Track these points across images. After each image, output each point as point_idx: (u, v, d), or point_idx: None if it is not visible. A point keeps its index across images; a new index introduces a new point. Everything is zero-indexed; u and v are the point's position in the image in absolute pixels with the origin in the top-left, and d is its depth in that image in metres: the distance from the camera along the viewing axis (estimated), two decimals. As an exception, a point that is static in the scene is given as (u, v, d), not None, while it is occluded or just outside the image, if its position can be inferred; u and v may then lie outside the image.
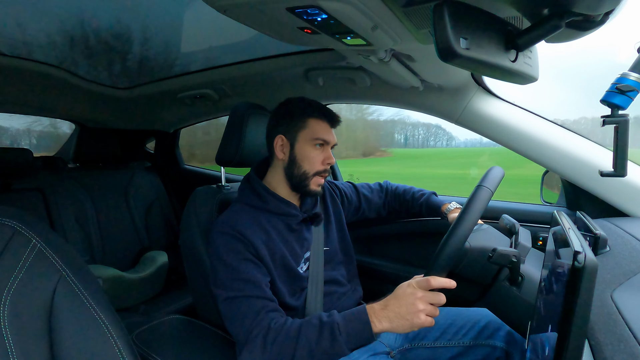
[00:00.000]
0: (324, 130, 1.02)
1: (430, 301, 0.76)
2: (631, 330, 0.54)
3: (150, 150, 2.61)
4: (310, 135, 1.01)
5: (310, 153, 1.01)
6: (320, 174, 1.03)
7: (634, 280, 0.67)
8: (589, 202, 1.18)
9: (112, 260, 1.92)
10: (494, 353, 1.04)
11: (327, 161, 1.02)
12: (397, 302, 0.78)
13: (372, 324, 0.78)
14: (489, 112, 1.22)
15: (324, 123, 1.02)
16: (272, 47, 1.34)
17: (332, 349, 0.78)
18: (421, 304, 0.75)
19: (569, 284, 0.46)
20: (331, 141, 1.03)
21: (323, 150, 1.03)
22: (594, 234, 0.77)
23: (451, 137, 34.58)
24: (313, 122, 1.01)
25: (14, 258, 0.64)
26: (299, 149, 1.01)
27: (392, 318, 0.77)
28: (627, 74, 0.67)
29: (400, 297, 0.78)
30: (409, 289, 0.78)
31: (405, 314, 0.76)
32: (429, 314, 0.76)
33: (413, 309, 0.75)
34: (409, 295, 0.77)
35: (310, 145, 1.01)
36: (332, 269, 1.11)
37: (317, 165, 1.01)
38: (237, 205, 1.04)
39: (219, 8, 0.68)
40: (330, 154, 1.03)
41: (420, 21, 0.72)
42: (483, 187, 0.89)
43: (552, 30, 0.52)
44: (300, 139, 1.01)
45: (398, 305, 0.77)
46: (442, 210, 1.22)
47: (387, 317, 0.78)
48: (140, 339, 1.00)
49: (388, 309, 0.78)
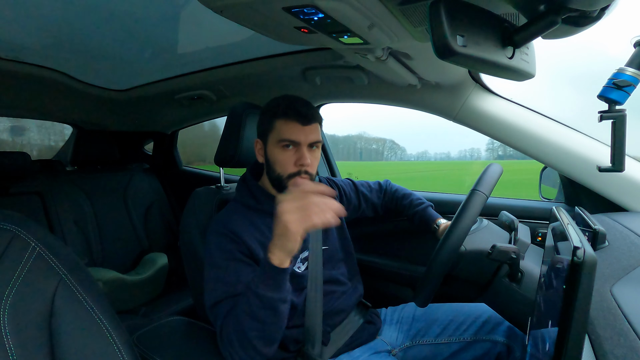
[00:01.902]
0: (291, 130, 0.94)
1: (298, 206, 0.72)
2: (630, 324, 0.54)
3: (149, 152, 2.60)
4: (276, 137, 0.96)
5: (278, 155, 0.96)
6: (295, 176, 0.96)
7: (633, 274, 0.67)
8: (587, 197, 1.18)
9: (112, 263, 1.92)
10: (495, 348, 1.05)
11: (299, 162, 0.95)
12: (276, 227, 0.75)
13: (270, 258, 0.76)
14: (487, 109, 1.22)
15: (292, 122, 0.95)
16: (269, 47, 1.33)
17: (261, 302, 0.77)
18: (286, 215, 0.72)
19: (569, 279, 0.46)
20: (302, 141, 0.95)
21: (295, 151, 0.95)
22: (593, 229, 0.77)
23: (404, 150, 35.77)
24: (279, 123, 0.96)
25: (13, 262, 0.64)
26: (270, 152, 0.98)
27: (276, 242, 0.75)
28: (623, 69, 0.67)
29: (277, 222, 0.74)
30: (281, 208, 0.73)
31: (279, 232, 0.73)
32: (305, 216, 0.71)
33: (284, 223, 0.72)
34: (280, 215, 0.73)
35: (278, 148, 0.96)
36: (332, 268, 1.11)
37: (288, 168, 0.95)
38: (233, 205, 1.03)
39: (215, 8, 0.68)
40: (302, 154, 0.95)
41: (416, 19, 0.72)
42: (477, 191, 0.89)
43: (548, 27, 0.52)
44: (269, 142, 0.98)
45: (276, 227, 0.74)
46: (434, 224, 1.22)
47: (274, 245, 0.76)
48: (141, 341, 1.00)
49: (274, 237, 0.76)
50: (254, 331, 0.79)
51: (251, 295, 0.79)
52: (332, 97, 1.58)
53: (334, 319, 1.06)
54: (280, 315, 0.81)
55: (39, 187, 1.84)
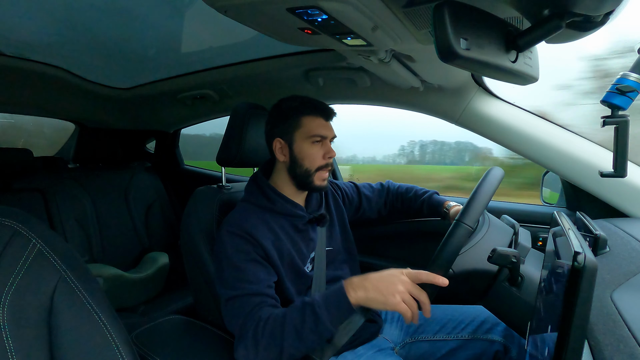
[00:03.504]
0: (319, 126, 1.01)
1: (411, 290, 0.77)
2: (631, 330, 0.54)
3: (151, 150, 2.61)
4: (306, 134, 1.01)
5: (309, 150, 1.01)
6: (323, 169, 1.03)
7: (633, 280, 0.67)
8: (588, 202, 1.18)
9: (112, 260, 1.92)
10: (492, 347, 1.06)
11: (328, 155, 1.02)
12: (379, 276, 0.80)
13: (348, 292, 0.80)
14: (489, 113, 1.22)
15: (319, 119, 1.02)
16: (273, 47, 1.33)
17: (316, 326, 0.79)
18: (401, 286, 0.77)
19: (569, 284, 0.46)
20: (328, 135, 1.03)
21: (322, 145, 1.02)
22: (594, 235, 0.77)
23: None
24: (307, 119, 1.01)
25: (13, 258, 0.64)
26: (298, 149, 1.01)
27: (369, 288, 0.79)
28: (627, 75, 0.67)
29: (384, 274, 0.80)
30: (396, 271, 0.80)
31: (382, 288, 0.77)
32: (406, 301, 0.77)
33: (392, 288, 0.77)
34: (393, 276, 0.79)
35: (308, 143, 1.01)
36: (336, 269, 1.12)
37: (318, 161, 1.01)
38: (244, 205, 1.04)
39: (220, 8, 0.69)
40: (329, 148, 1.03)
41: (420, 22, 0.72)
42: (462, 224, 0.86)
43: (552, 31, 0.52)
44: (297, 139, 1.01)
45: (379, 279, 0.79)
46: (443, 207, 1.22)
47: (364, 287, 0.79)
48: (139, 339, 1.00)
49: (367, 280, 0.80)
50: (290, 345, 0.80)
51: (309, 315, 0.80)
52: (335, 99, 1.58)
53: None
54: (319, 344, 0.83)
55: (40, 184, 1.84)
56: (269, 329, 0.82)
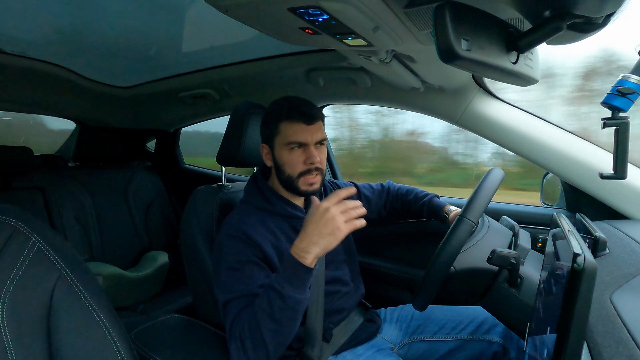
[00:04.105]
0: (297, 132, 0.96)
1: (342, 210, 0.82)
2: (630, 332, 0.54)
3: (151, 149, 2.61)
4: (283, 140, 0.97)
5: (287, 157, 0.98)
6: (305, 174, 0.98)
7: (633, 282, 0.67)
8: (588, 204, 1.18)
9: (111, 259, 1.92)
10: (491, 347, 1.07)
11: (309, 161, 0.97)
12: (314, 225, 0.82)
13: (302, 259, 0.80)
14: (490, 114, 1.22)
15: (297, 124, 0.97)
16: (273, 47, 1.33)
17: (284, 303, 0.80)
18: (336, 215, 0.81)
19: (568, 285, 0.46)
20: (308, 140, 0.97)
21: (303, 150, 0.98)
22: (594, 236, 0.77)
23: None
24: (284, 125, 0.97)
25: (13, 256, 0.64)
26: (278, 155, 0.99)
27: (316, 241, 0.81)
28: (627, 77, 0.67)
29: (317, 221, 0.82)
30: (321, 209, 0.82)
31: (325, 230, 0.81)
32: (347, 221, 0.82)
33: (331, 223, 0.81)
34: (322, 214, 0.81)
35: (286, 150, 0.98)
36: (336, 269, 1.12)
37: (298, 167, 0.98)
38: (243, 207, 1.04)
39: (221, 8, 0.69)
40: (311, 154, 0.97)
41: (421, 22, 0.72)
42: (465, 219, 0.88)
43: (553, 32, 0.52)
44: (276, 145, 0.99)
45: (316, 226, 0.81)
46: (443, 211, 1.22)
47: (312, 243, 0.81)
48: (138, 338, 1.00)
49: (309, 237, 0.81)
50: (269, 332, 0.81)
51: (274, 296, 0.80)
52: (335, 99, 1.58)
53: (336, 316, 1.07)
54: (298, 318, 0.83)
55: (40, 183, 1.84)
56: (246, 325, 0.83)
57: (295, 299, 0.80)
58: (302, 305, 0.83)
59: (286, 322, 0.81)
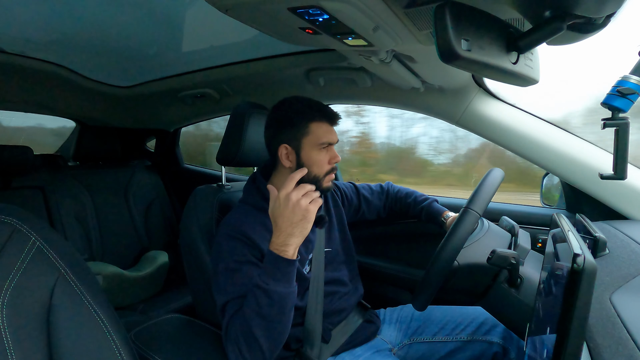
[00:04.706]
0: (327, 132, 0.99)
1: (302, 193, 0.84)
2: (629, 333, 0.54)
3: (151, 149, 2.61)
4: (315, 141, 0.98)
5: (317, 157, 0.99)
6: (330, 173, 1.02)
7: (632, 283, 0.67)
8: (588, 204, 1.18)
9: (111, 259, 1.92)
10: (491, 348, 1.06)
11: (334, 160, 1.01)
12: (285, 218, 0.83)
13: (283, 252, 0.82)
14: (490, 114, 1.22)
15: (326, 124, 0.99)
16: (274, 47, 1.33)
17: (271, 299, 0.80)
18: (299, 201, 0.83)
19: (568, 286, 0.46)
20: (334, 140, 1.02)
21: (328, 151, 1.01)
22: (594, 237, 0.77)
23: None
24: (315, 126, 0.98)
25: (13, 256, 0.64)
26: (306, 155, 0.99)
27: (291, 232, 0.83)
28: (627, 77, 0.67)
29: (284, 211, 0.83)
30: (282, 200, 0.84)
31: (295, 219, 0.83)
32: (311, 204, 0.84)
33: (298, 211, 0.83)
34: (287, 205, 0.83)
35: (316, 150, 0.98)
36: (335, 270, 1.12)
37: (325, 167, 1.00)
38: (242, 207, 1.03)
39: (221, 7, 0.68)
40: (335, 152, 1.02)
41: (421, 22, 0.72)
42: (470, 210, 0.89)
43: (553, 33, 0.52)
44: (305, 146, 0.98)
45: (287, 218, 0.83)
46: (442, 217, 1.22)
47: (289, 235, 0.83)
48: (138, 337, 1.00)
49: (284, 230, 0.83)
50: (261, 330, 0.81)
51: (260, 293, 0.80)
52: (335, 99, 1.58)
53: (335, 317, 1.07)
54: (287, 312, 0.83)
55: (40, 182, 1.84)
56: (239, 327, 0.83)
57: (281, 294, 0.81)
58: (290, 299, 0.83)
59: (276, 317, 0.82)
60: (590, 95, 2.07)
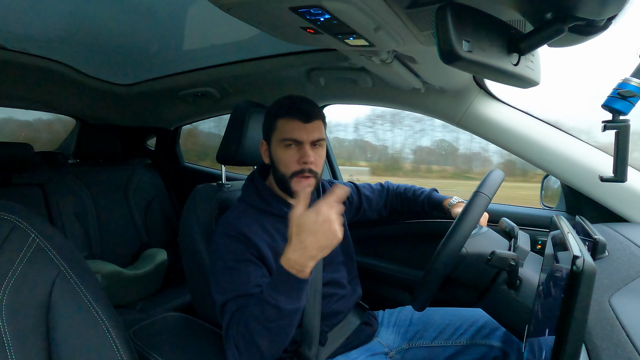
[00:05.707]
0: (293, 129, 0.95)
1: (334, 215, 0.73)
2: (628, 335, 0.54)
3: (151, 147, 2.61)
4: (279, 137, 0.96)
5: (281, 154, 0.96)
6: (298, 174, 0.96)
7: (632, 285, 0.67)
8: (588, 206, 1.18)
9: (111, 257, 1.92)
10: (491, 352, 1.05)
11: (303, 160, 0.95)
12: (315, 237, 0.72)
13: (300, 273, 0.75)
14: (490, 115, 1.22)
15: (295, 121, 0.95)
16: (275, 46, 1.33)
17: (280, 314, 0.76)
18: (335, 224, 0.73)
19: (567, 288, 0.46)
20: (304, 139, 0.95)
21: (298, 149, 0.96)
22: (593, 239, 0.77)
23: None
24: (281, 122, 0.96)
25: (12, 253, 0.64)
26: (274, 152, 0.99)
27: (315, 255, 0.74)
28: (628, 80, 0.67)
29: (317, 231, 0.72)
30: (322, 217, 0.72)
31: (327, 244, 0.73)
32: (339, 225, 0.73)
33: (332, 233, 0.72)
34: (324, 223, 0.72)
35: (281, 147, 0.96)
36: (333, 271, 1.11)
37: (292, 166, 0.95)
38: (240, 206, 1.03)
39: (223, 6, 0.68)
40: (305, 153, 0.95)
41: (423, 23, 0.71)
42: (481, 193, 0.89)
43: (554, 35, 0.52)
44: (273, 142, 0.98)
45: (317, 239, 0.72)
46: (444, 206, 1.22)
47: (311, 258, 0.74)
48: (137, 335, 1.00)
49: (307, 250, 0.73)
50: (263, 339, 0.78)
51: (268, 307, 0.76)
52: (336, 98, 1.58)
53: (332, 320, 1.06)
54: (294, 325, 0.81)
55: (40, 179, 1.84)
56: (241, 330, 0.81)
57: (291, 310, 0.77)
58: (299, 313, 0.80)
59: (282, 330, 0.79)
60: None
